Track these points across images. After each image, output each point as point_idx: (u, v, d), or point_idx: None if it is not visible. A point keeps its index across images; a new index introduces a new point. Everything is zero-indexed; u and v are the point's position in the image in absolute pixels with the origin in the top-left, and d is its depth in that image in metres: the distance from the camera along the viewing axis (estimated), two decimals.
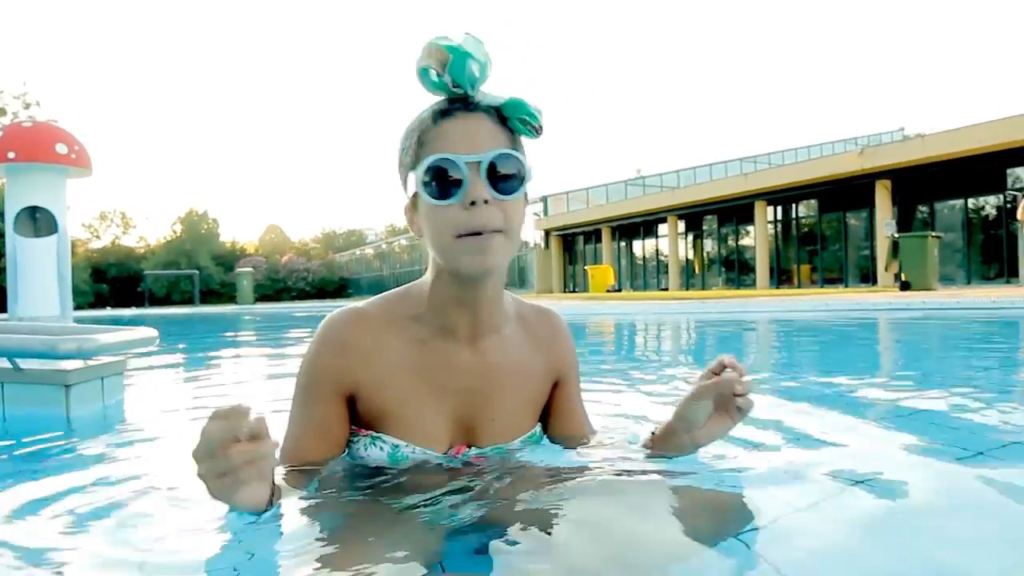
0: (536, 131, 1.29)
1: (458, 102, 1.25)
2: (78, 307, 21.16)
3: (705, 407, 1.32)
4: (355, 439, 1.35)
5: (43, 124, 9.09)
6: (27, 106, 32.68)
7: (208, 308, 23.86)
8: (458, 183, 1.19)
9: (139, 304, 28.05)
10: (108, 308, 25.33)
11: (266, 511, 1.11)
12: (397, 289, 1.41)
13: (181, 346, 7.12)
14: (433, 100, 1.29)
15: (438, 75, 1.23)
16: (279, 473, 1.26)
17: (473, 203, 1.18)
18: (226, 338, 8.95)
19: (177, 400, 3.04)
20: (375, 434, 1.33)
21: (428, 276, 1.34)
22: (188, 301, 30.40)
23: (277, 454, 1.23)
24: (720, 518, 1.16)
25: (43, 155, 8.00)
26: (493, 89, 1.28)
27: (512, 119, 1.27)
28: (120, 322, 8.00)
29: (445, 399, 1.34)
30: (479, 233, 1.19)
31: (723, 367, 1.32)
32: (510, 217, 1.23)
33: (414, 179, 1.23)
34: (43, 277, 8.16)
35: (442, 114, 1.24)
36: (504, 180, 1.22)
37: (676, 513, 1.16)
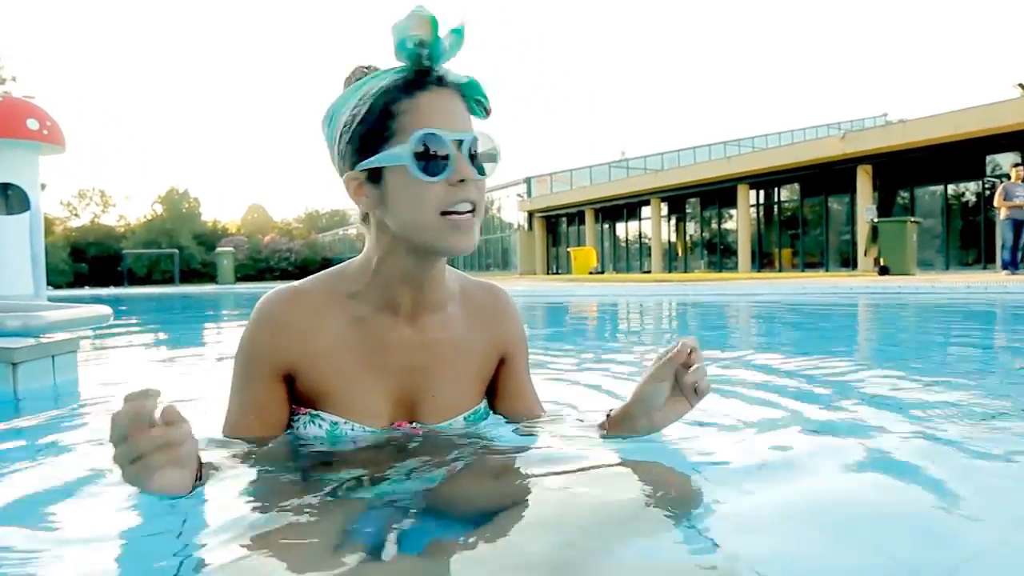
0: (487, 112, 1.29)
1: (426, 73, 1.23)
2: (56, 286, 20.98)
3: (662, 389, 1.29)
4: (295, 417, 1.34)
5: (14, 99, 8.91)
6: (2, 81, 32.16)
7: (188, 287, 23.67)
8: (445, 160, 1.19)
9: (118, 284, 27.75)
10: (87, 287, 25.06)
11: (189, 493, 1.08)
12: (334, 267, 1.39)
13: (151, 325, 7.05)
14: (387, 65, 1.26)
15: (415, 44, 1.21)
16: (214, 453, 1.24)
17: (462, 180, 1.19)
18: (201, 317, 8.88)
19: (134, 379, 2.99)
20: (314, 412, 1.32)
21: (372, 252, 1.31)
22: (168, 281, 30.11)
23: (204, 435, 1.22)
24: (671, 497, 1.14)
25: (14, 131, 7.84)
26: (452, 66, 1.26)
27: (468, 98, 1.27)
28: (98, 302, 7.89)
29: (385, 376, 1.33)
30: (461, 212, 1.20)
31: (681, 352, 1.30)
32: (482, 195, 1.24)
33: (394, 151, 1.19)
34: (16, 255, 8.03)
35: (414, 85, 1.22)
36: (484, 160, 1.24)
37: (624, 489, 1.15)
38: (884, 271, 13.86)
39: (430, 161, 1.18)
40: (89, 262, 33.22)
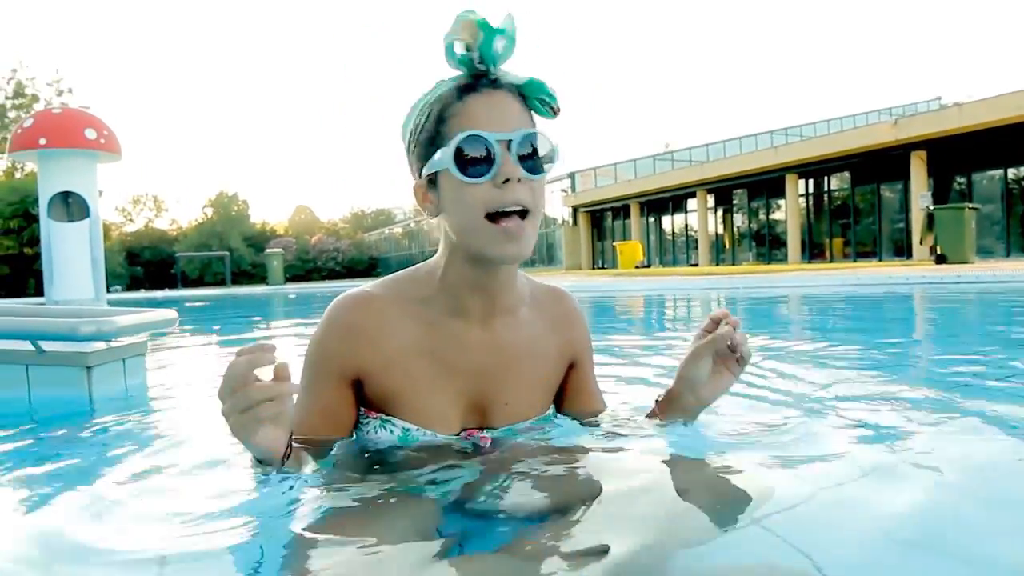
0: (554, 112, 1.28)
1: (481, 78, 1.23)
2: (113, 290, 21.62)
3: (705, 364, 1.33)
4: (365, 421, 1.35)
5: (72, 110, 9.24)
6: (60, 93, 33.24)
7: (239, 289, 24.18)
8: (490, 160, 1.18)
9: (172, 286, 28.49)
10: (142, 290, 25.78)
11: (281, 467, 1.13)
12: (406, 270, 1.39)
13: (210, 327, 7.22)
14: (447, 74, 1.26)
15: (465, 50, 1.22)
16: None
17: (506, 181, 1.17)
18: (255, 318, 9.05)
19: (200, 380, 3.07)
20: (385, 417, 1.32)
21: (440, 258, 1.32)
22: (220, 282, 30.79)
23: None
24: (739, 498, 1.13)
25: (73, 140, 8.13)
26: (512, 68, 1.26)
27: (531, 99, 1.26)
28: (154, 304, 8.12)
29: (456, 380, 1.32)
30: (510, 214, 1.19)
31: (715, 323, 1.33)
32: (537, 197, 1.22)
33: (440, 156, 1.21)
34: (77, 261, 8.32)
35: (467, 89, 1.22)
36: (534, 159, 1.21)
37: (692, 492, 1.14)
38: (941, 259, 13.49)
39: (473, 163, 1.18)
40: (144, 265, 34.18)
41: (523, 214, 1.20)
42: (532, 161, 1.21)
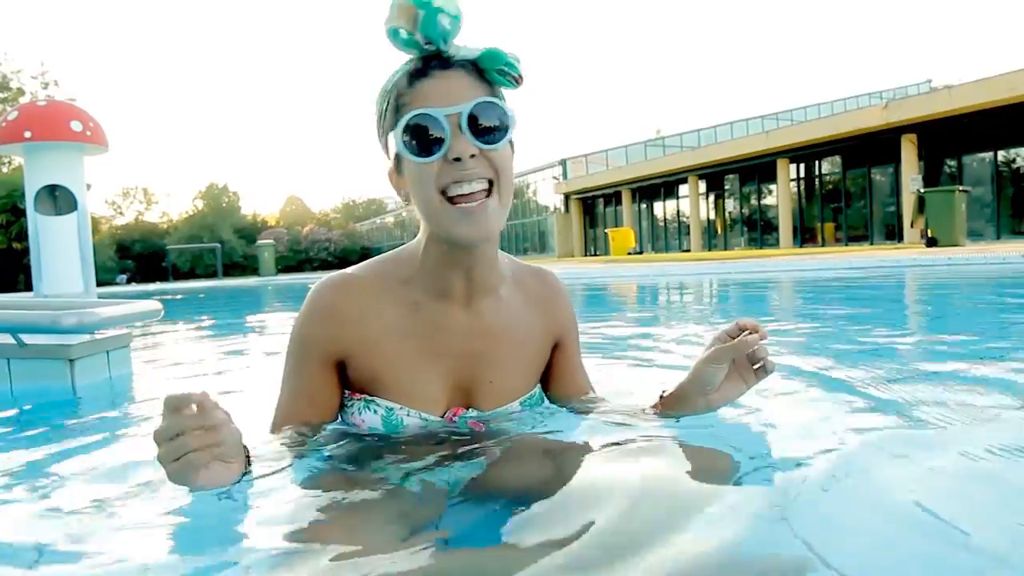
0: (516, 81, 1.24)
1: (432, 59, 1.21)
2: (104, 283, 21.52)
3: (722, 370, 1.28)
4: (349, 403, 1.34)
5: (58, 103, 9.16)
6: (45, 85, 32.92)
7: (231, 281, 24.09)
8: (440, 139, 1.16)
9: (163, 279, 28.38)
10: (133, 284, 25.65)
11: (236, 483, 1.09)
12: (388, 253, 1.38)
13: (199, 318, 7.18)
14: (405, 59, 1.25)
15: (408, 33, 1.19)
16: (268, 441, 1.26)
17: (458, 159, 1.15)
18: (246, 310, 9.02)
19: (186, 373, 3.04)
20: (369, 397, 1.31)
21: (420, 239, 1.31)
22: (211, 274, 30.67)
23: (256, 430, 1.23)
24: (731, 484, 1.13)
25: (59, 133, 8.06)
26: (467, 42, 1.23)
27: (490, 71, 1.23)
28: (144, 297, 8.07)
29: (441, 362, 1.32)
30: (471, 194, 1.16)
31: (740, 330, 1.27)
32: (499, 168, 1.19)
33: (394, 140, 1.19)
34: (65, 254, 8.27)
35: (417, 74, 1.20)
36: (488, 131, 1.17)
37: (685, 479, 1.13)
38: (932, 242, 13.54)
39: (423, 143, 1.16)
40: (134, 258, 34.02)
41: (489, 191, 1.18)
42: (487, 133, 1.17)
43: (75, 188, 8.21)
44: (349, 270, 1.35)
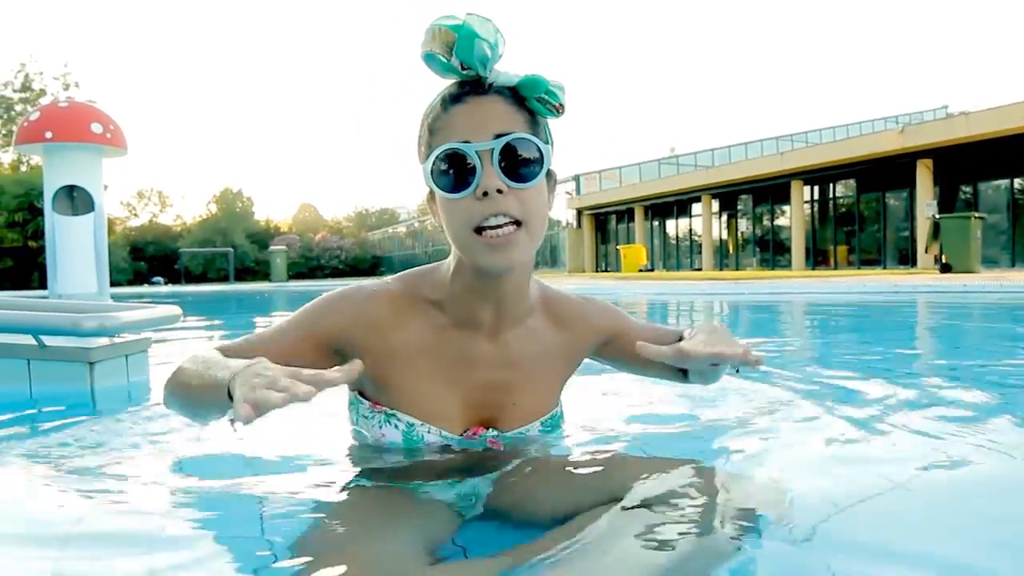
0: (557, 110, 1.21)
1: (469, 85, 1.18)
2: (116, 284, 21.68)
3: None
4: (370, 415, 1.33)
5: (79, 104, 9.24)
6: (67, 87, 33.32)
7: (242, 285, 24.22)
8: (470, 173, 1.13)
9: (176, 281, 28.53)
10: (146, 285, 25.81)
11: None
12: (422, 268, 1.36)
13: (212, 323, 7.21)
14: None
15: (446, 58, 1.16)
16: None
17: (486, 194, 1.12)
18: (259, 315, 9.05)
19: None
20: (390, 411, 1.30)
21: (450, 262, 1.29)
22: (223, 278, 30.84)
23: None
24: (749, 503, 1.11)
25: (79, 135, 8.13)
26: (510, 67, 1.19)
27: (530, 99, 1.19)
28: (156, 299, 8.11)
29: (463, 389, 1.30)
30: (498, 227, 1.13)
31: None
32: (528, 206, 1.15)
33: (424, 171, 1.18)
34: (81, 255, 8.32)
35: (452, 99, 1.18)
36: (519, 167, 1.14)
37: (702, 497, 1.12)
38: (946, 268, 13.47)
39: (453, 177, 1.14)
40: (147, 260, 34.19)
41: (517, 225, 1.15)
42: (518, 169, 1.14)
43: (93, 189, 8.29)
44: (385, 279, 1.35)
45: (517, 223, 1.14)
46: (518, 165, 1.14)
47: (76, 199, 8.31)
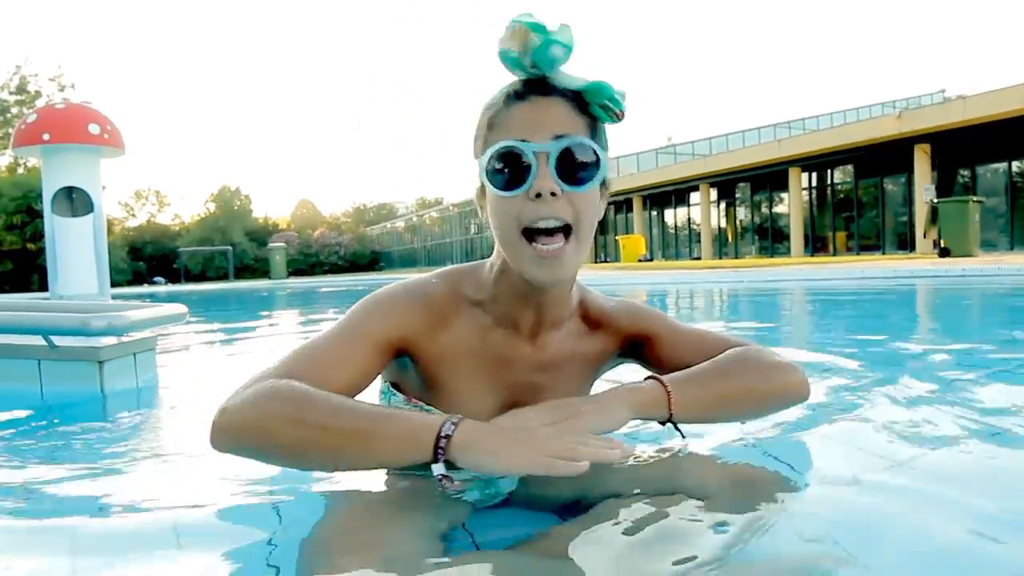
0: (618, 117, 1.20)
1: (534, 83, 1.16)
2: (116, 284, 21.68)
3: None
4: (405, 407, 1.31)
5: (76, 105, 9.20)
6: (62, 88, 33.21)
7: (242, 283, 24.21)
8: (525, 172, 1.11)
9: (175, 280, 28.52)
10: (146, 285, 25.80)
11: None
12: (465, 267, 1.34)
13: (215, 322, 7.23)
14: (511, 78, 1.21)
15: (518, 55, 1.15)
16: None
17: (539, 195, 1.11)
18: (259, 312, 9.07)
19: (208, 374, 3.08)
20: (426, 406, 1.29)
21: (494, 261, 1.27)
22: (223, 277, 30.82)
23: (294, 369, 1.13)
24: (761, 496, 1.14)
25: (76, 136, 8.10)
26: (573, 71, 1.18)
27: (592, 104, 1.18)
28: (155, 299, 8.13)
29: (498, 389, 1.30)
30: (549, 232, 1.12)
31: None
32: (580, 211, 1.14)
33: (479, 166, 1.17)
34: (81, 256, 8.31)
35: (515, 96, 1.16)
36: (575, 170, 1.13)
37: (711, 491, 1.14)
38: (945, 253, 13.48)
39: (508, 175, 1.12)
40: (146, 260, 34.17)
41: (567, 231, 1.14)
42: (575, 172, 1.13)
43: (92, 190, 8.27)
44: (426, 278, 1.31)
45: (567, 228, 1.14)
46: (575, 169, 1.13)
47: (75, 200, 8.30)
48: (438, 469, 1.00)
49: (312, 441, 1.04)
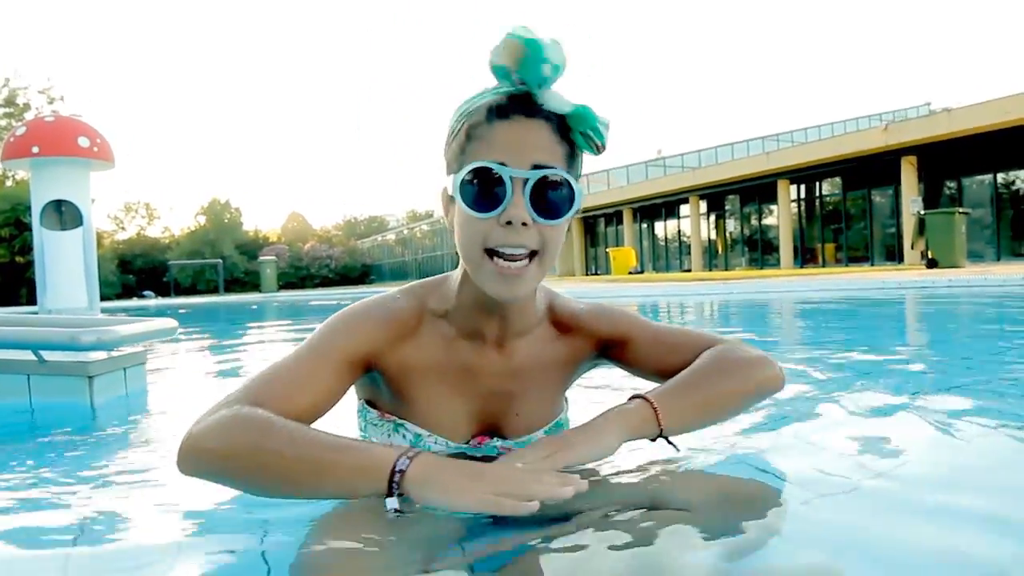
0: (598, 149, 1.18)
1: (519, 100, 1.15)
2: (106, 298, 21.55)
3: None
4: (379, 424, 1.34)
5: (65, 118, 9.20)
6: (51, 101, 33.10)
7: (233, 297, 24.10)
8: (499, 197, 1.10)
9: (165, 294, 28.38)
10: (135, 298, 25.66)
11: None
12: (429, 281, 1.36)
13: (205, 336, 7.21)
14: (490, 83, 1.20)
15: (510, 70, 1.14)
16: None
17: (510, 223, 1.10)
18: (250, 326, 9.03)
19: (198, 389, 3.07)
20: (399, 421, 1.31)
21: (457, 275, 1.28)
22: (213, 290, 30.67)
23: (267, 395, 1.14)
24: (748, 509, 1.15)
25: (66, 149, 8.11)
26: (560, 92, 1.17)
27: (575, 131, 1.16)
28: (145, 313, 8.10)
29: (470, 399, 1.31)
30: (512, 258, 1.12)
31: None
32: (547, 240, 1.14)
33: (453, 180, 1.15)
34: (70, 269, 8.29)
35: (498, 113, 1.14)
36: (549, 203, 1.12)
37: (702, 501, 1.16)
38: (932, 264, 13.57)
39: (481, 196, 1.11)
40: (136, 273, 33.96)
41: (532, 254, 1.14)
42: (548, 205, 1.12)
43: (81, 203, 8.26)
44: (391, 294, 1.32)
45: (532, 254, 1.14)
46: (548, 201, 1.12)
47: (64, 214, 8.28)
48: (391, 504, 0.99)
49: (270, 470, 1.04)
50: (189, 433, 1.10)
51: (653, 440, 1.24)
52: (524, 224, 1.11)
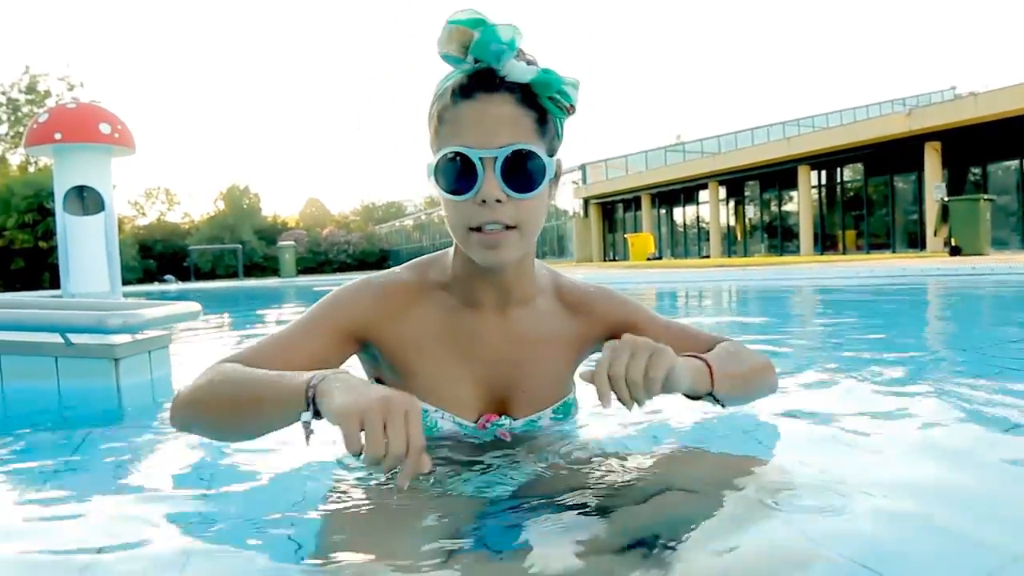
0: (567, 111, 1.20)
1: (480, 76, 1.16)
2: (127, 283, 21.78)
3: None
4: None
5: (87, 105, 9.30)
6: (71, 87, 33.45)
7: (252, 281, 24.29)
8: (472, 179, 1.14)
9: (185, 279, 28.65)
10: (156, 283, 25.93)
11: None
12: (429, 256, 1.40)
13: (226, 320, 7.27)
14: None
15: (462, 56, 1.16)
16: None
17: (484, 201, 1.14)
18: (270, 310, 9.11)
19: None
20: None
21: (452, 247, 1.33)
22: (232, 275, 30.94)
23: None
24: (759, 492, 1.14)
25: (88, 135, 8.20)
26: (525, 57, 1.17)
27: (542, 97, 1.17)
28: (167, 297, 8.18)
29: (475, 367, 1.33)
30: (492, 232, 1.16)
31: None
32: (524, 215, 1.18)
33: (428, 166, 1.20)
34: (92, 254, 8.40)
35: (461, 92, 1.16)
36: (521, 177, 1.15)
37: (714, 485, 1.15)
38: (956, 251, 13.41)
39: (455, 180, 1.16)
40: (156, 258, 34.32)
41: (512, 228, 1.18)
42: (520, 180, 1.15)
43: (103, 189, 8.36)
44: (394, 269, 1.38)
45: (512, 226, 1.17)
46: (520, 176, 1.15)
47: (86, 199, 8.39)
48: (305, 417, 1.02)
49: (228, 410, 1.15)
50: (177, 392, 1.24)
51: (697, 399, 1.27)
52: (499, 200, 1.14)
